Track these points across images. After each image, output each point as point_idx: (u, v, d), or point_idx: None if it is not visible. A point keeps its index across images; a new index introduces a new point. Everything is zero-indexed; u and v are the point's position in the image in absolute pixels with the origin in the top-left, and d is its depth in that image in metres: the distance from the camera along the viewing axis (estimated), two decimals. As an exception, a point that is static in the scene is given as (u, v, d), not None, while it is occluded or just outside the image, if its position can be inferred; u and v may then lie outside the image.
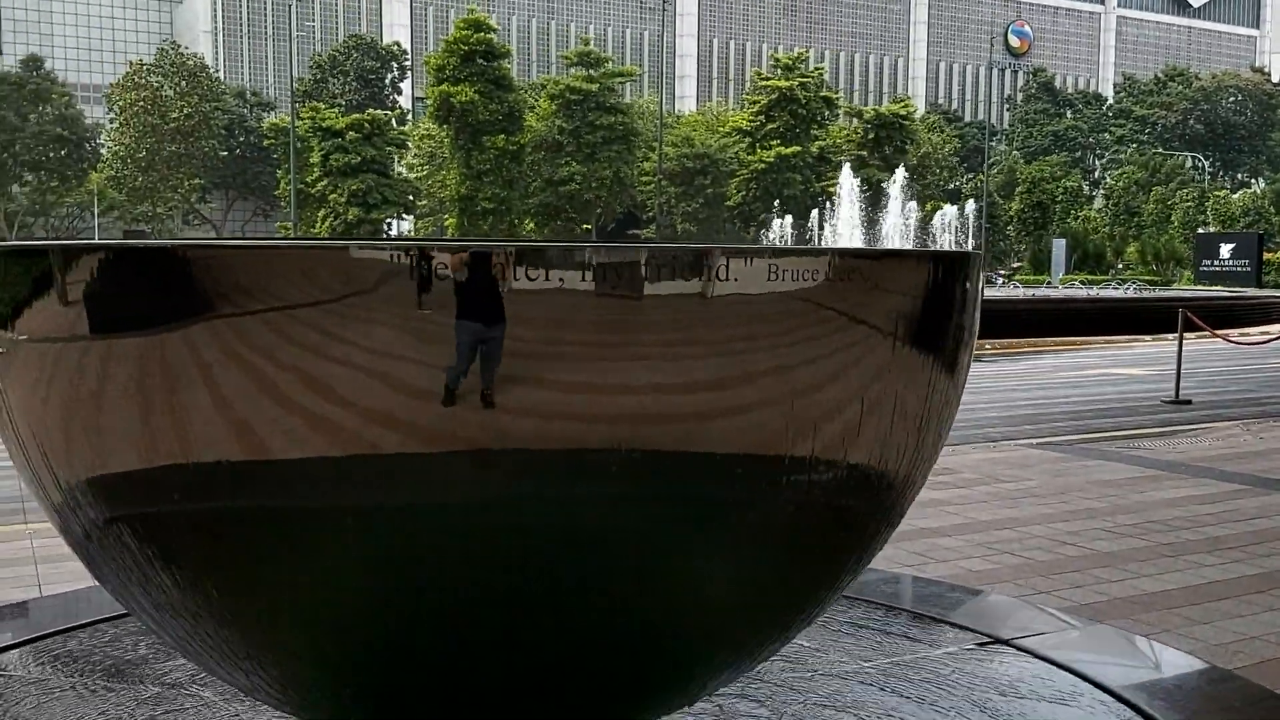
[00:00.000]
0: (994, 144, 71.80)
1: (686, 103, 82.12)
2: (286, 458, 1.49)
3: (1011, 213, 58.10)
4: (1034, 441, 9.06)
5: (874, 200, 43.63)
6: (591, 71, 51.01)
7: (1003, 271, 44.69)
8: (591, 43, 55.94)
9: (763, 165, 53.05)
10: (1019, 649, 3.00)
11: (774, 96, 54.83)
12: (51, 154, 56.57)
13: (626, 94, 67.16)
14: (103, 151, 56.78)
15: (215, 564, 1.60)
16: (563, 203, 50.20)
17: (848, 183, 38.39)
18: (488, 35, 47.64)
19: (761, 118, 55.00)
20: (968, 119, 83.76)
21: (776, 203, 42.42)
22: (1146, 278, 43.48)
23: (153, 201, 55.80)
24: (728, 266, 1.52)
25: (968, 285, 1.83)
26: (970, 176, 60.96)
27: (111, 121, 56.25)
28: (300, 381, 1.47)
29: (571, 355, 1.46)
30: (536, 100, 52.33)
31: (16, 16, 77.80)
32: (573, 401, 1.48)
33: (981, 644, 3.05)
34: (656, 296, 1.48)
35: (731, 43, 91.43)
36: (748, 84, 64.30)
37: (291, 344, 1.45)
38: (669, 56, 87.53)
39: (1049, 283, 37.76)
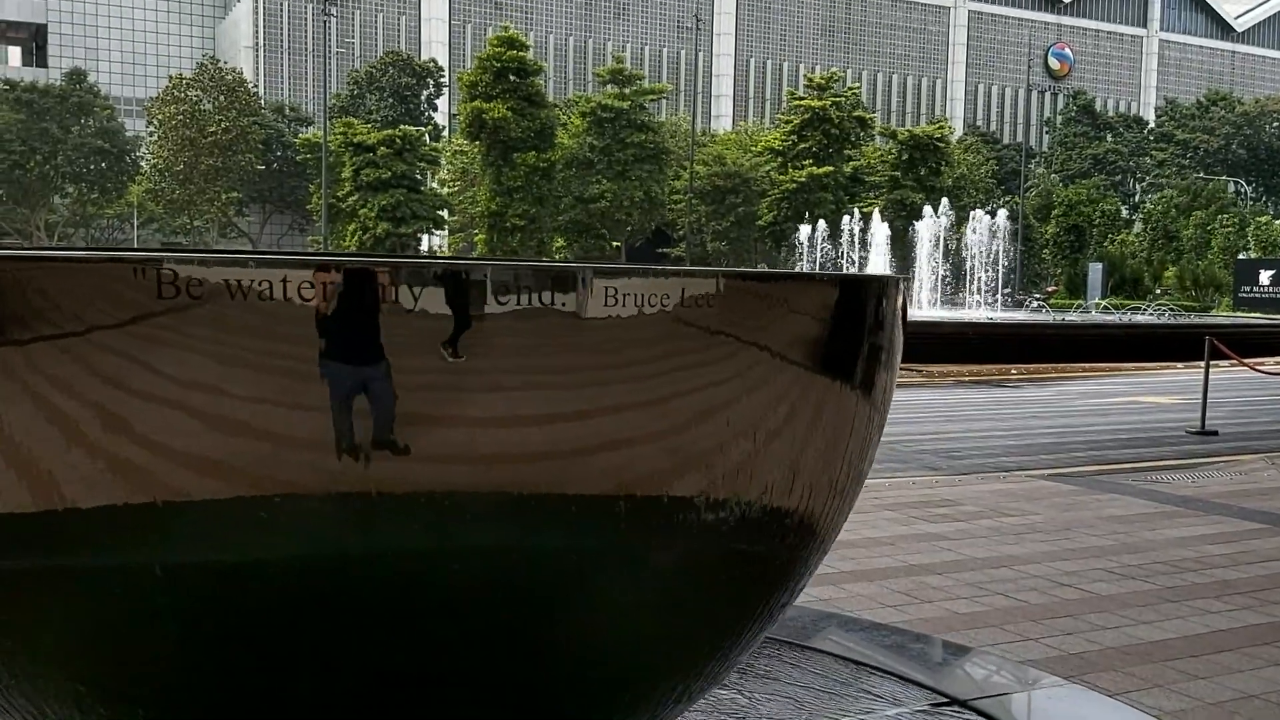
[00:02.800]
0: (1032, 167, 71.13)
1: (722, 122, 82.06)
2: (78, 506, 1.31)
3: (1048, 236, 57.42)
4: (1047, 473, 8.73)
5: (907, 221, 43.25)
6: (623, 89, 51.01)
7: (1037, 295, 44.12)
8: (628, 61, 56.02)
9: (794, 185, 52.79)
10: (976, 712, 2.73)
11: (807, 116, 54.59)
12: (92, 166, 57.35)
13: (662, 112, 67.24)
14: (142, 164, 57.44)
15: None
16: (593, 220, 50.14)
17: (877, 218, 38.06)
18: (521, 52, 47.75)
19: (794, 137, 54.75)
20: (1006, 141, 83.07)
21: (805, 223, 42.02)
22: (1185, 303, 42.74)
23: (190, 214, 56.38)
24: (599, 286, 1.35)
25: (880, 309, 1.66)
26: (1007, 199, 60.35)
27: (151, 135, 56.91)
28: (88, 419, 1.29)
29: (421, 385, 1.28)
30: (569, 117, 52.39)
31: (64, 30, 79.12)
32: (417, 438, 1.29)
33: (935, 705, 2.78)
34: (513, 319, 1.30)
35: (769, 62, 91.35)
36: (783, 104, 64.12)
37: (83, 374, 1.27)
38: (705, 76, 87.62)
39: (1080, 306, 37.19)
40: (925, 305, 33.65)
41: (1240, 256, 48.20)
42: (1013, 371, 19.15)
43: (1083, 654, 4.31)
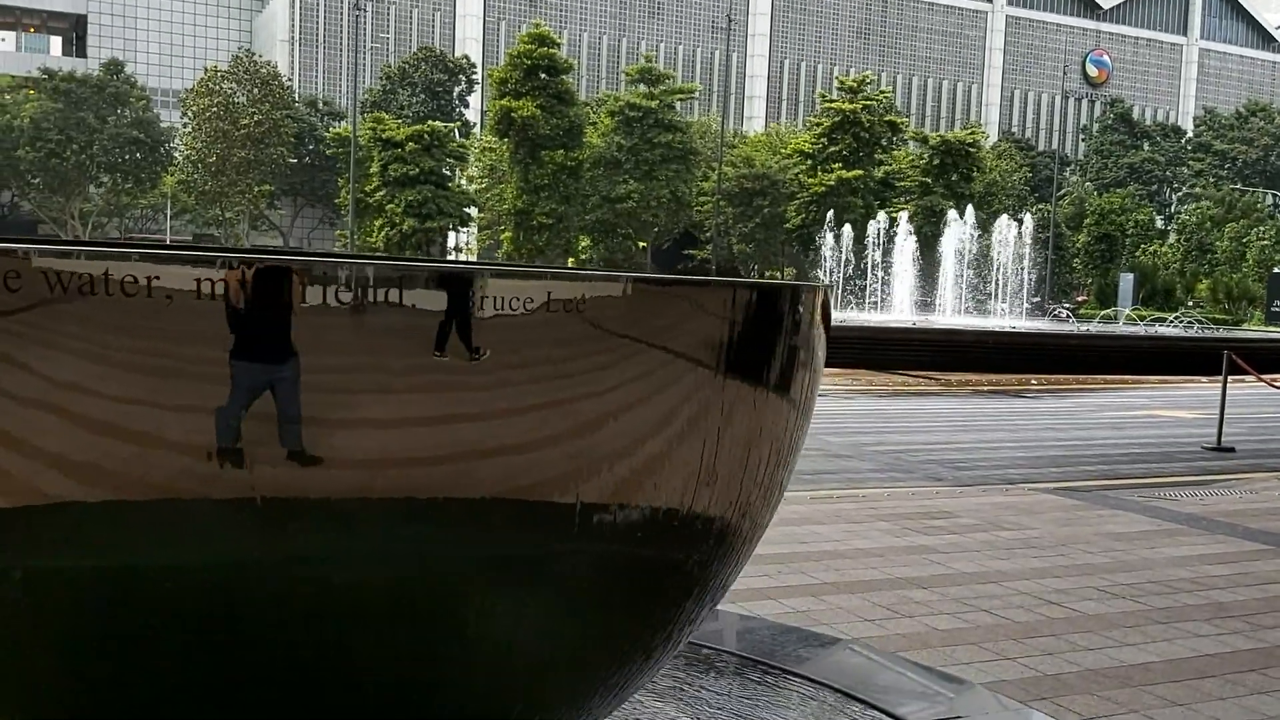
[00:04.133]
0: (1066, 174, 70.45)
1: (754, 123, 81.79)
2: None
3: (1079, 245, 56.86)
4: (1052, 486, 8.59)
5: (937, 227, 42.94)
6: (652, 89, 50.93)
7: (1066, 305, 43.67)
8: (661, 61, 55.93)
9: (823, 188, 52.54)
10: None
11: (837, 119, 54.30)
12: (127, 156, 57.82)
13: (694, 112, 67.12)
14: (175, 155, 57.91)
15: None
16: (619, 220, 50.09)
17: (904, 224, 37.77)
18: (551, 50, 47.77)
19: (824, 140, 54.48)
20: (1041, 148, 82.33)
21: (829, 225, 41.73)
22: (1217, 316, 42.18)
23: (221, 206, 56.76)
24: (496, 289, 1.32)
25: (794, 317, 1.65)
26: (1040, 206, 59.81)
27: (185, 126, 57.36)
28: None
29: (310, 385, 1.25)
30: (598, 116, 52.37)
31: (103, 21, 79.86)
32: (311, 441, 1.26)
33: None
34: (406, 319, 1.27)
35: (803, 64, 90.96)
36: (816, 106, 63.87)
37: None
38: (739, 76, 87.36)
39: (1102, 317, 36.75)
40: (949, 312, 33.38)
41: (1275, 270, 47.51)
42: (1032, 382, 18.93)
43: (1059, 675, 4.21)
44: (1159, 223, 63.20)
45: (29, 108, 55.34)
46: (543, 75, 47.39)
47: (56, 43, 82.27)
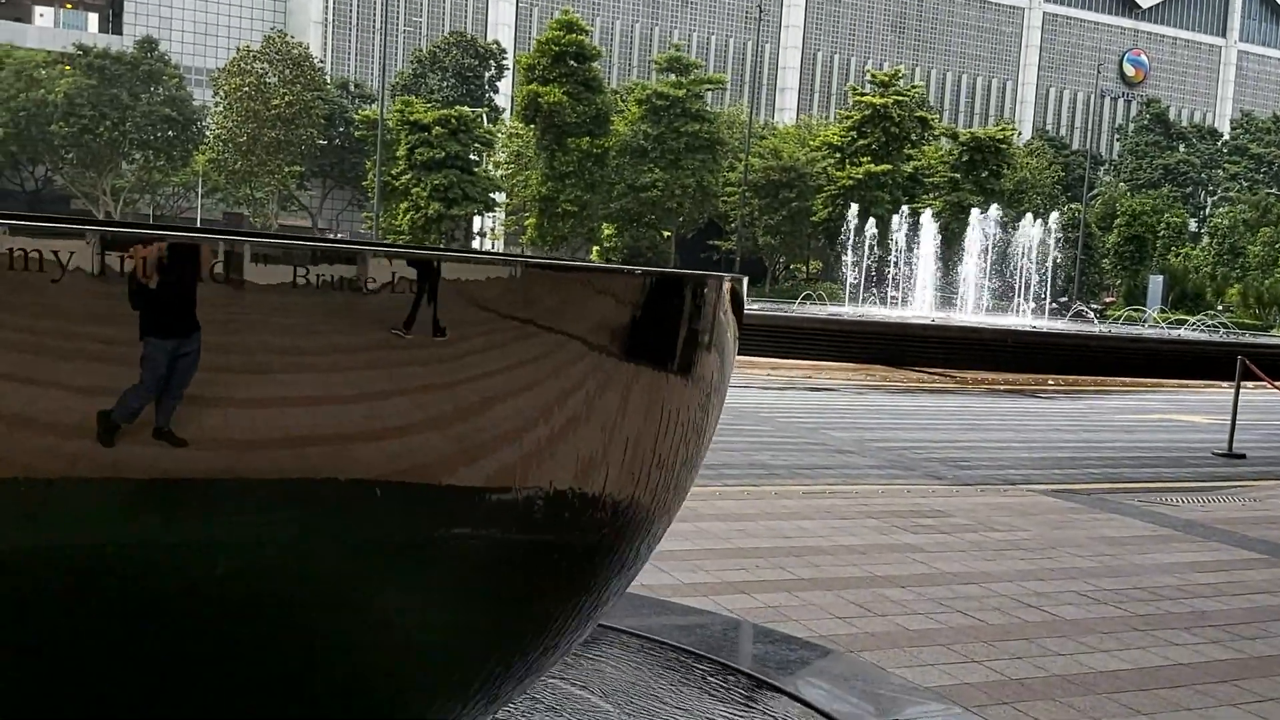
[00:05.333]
0: (1100, 174, 69.74)
1: (786, 115, 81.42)
2: None
3: (1108, 245, 56.30)
4: (1051, 488, 8.50)
5: (963, 223, 42.62)
6: (681, 78, 50.77)
7: (1093, 305, 43.25)
8: (693, 51, 55.70)
9: (851, 182, 52.26)
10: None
11: (868, 113, 53.97)
12: (159, 134, 58.21)
13: (725, 101, 66.85)
14: (207, 134, 58.26)
15: None
16: (644, 209, 50.00)
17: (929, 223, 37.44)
18: (580, 37, 47.69)
19: (853, 134, 54.18)
20: (1075, 147, 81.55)
21: (852, 219, 41.45)
22: (1247, 321, 41.67)
23: (251, 186, 57.06)
24: (377, 267, 1.30)
25: (695, 305, 1.63)
26: (1071, 206, 59.24)
27: (217, 105, 57.69)
28: None
29: (182, 364, 1.23)
30: (625, 104, 52.26)
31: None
32: (185, 420, 1.23)
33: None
34: (279, 295, 1.24)
35: (836, 57, 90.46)
36: (848, 99, 63.52)
37: None
38: (771, 67, 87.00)
39: (1120, 318, 36.34)
40: (970, 310, 33.14)
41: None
42: (1049, 382, 18.77)
43: (1024, 680, 4.15)
44: (1192, 225, 62.46)
45: (64, 83, 55.80)
46: (571, 62, 47.34)
47: (93, 19, 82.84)
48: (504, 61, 63.67)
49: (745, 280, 1.93)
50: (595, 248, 52.10)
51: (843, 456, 9.76)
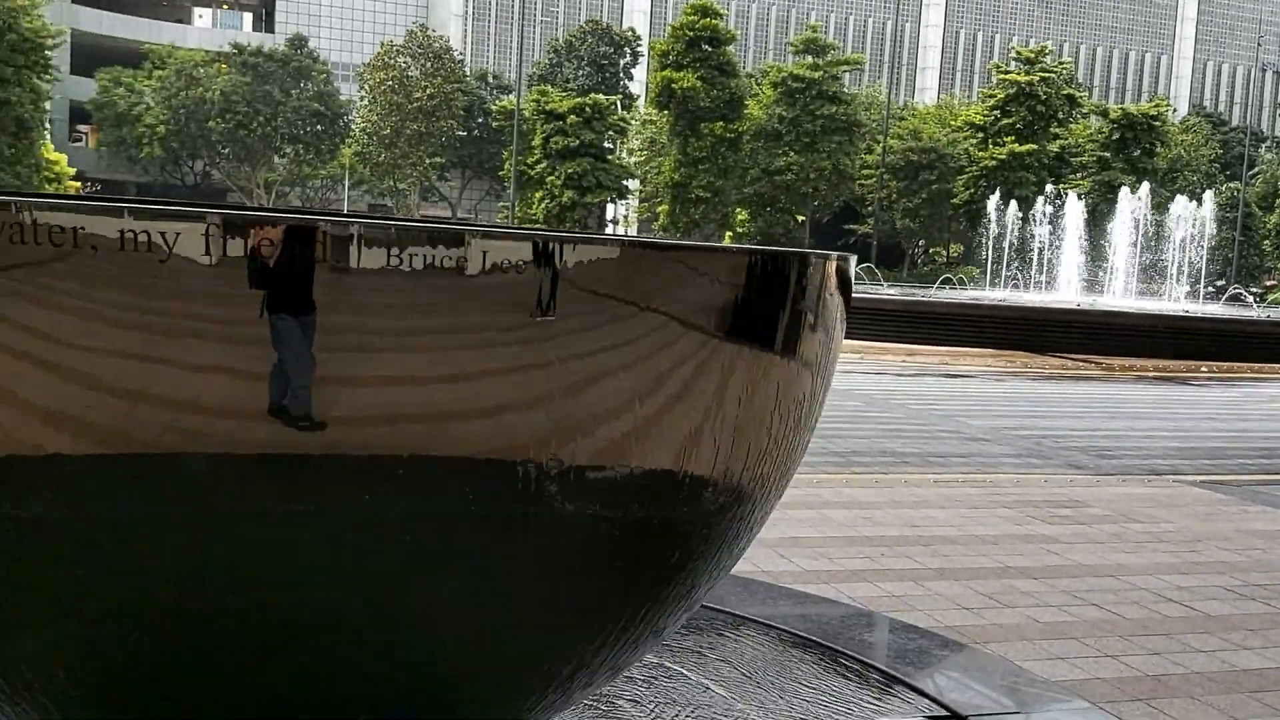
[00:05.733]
0: (1261, 152, 66.14)
1: (927, 95, 79.60)
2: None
3: (1270, 226, 53.39)
4: (1199, 479, 8.13)
5: (1113, 204, 40.99)
6: (816, 59, 50.11)
7: (1253, 289, 41.09)
8: (830, 32, 54.89)
9: (994, 163, 50.79)
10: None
11: (1012, 91, 52.33)
12: (309, 128, 60.31)
13: (863, 82, 65.73)
14: (353, 128, 60.08)
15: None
16: (778, 193, 49.57)
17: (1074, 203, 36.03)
18: (714, 21, 47.52)
19: (997, 112, 52.62)
20: (1235, 123, 77.52)
21: (996, 199, 40.17)
22: None
23: (394, 178, 58.65)
24: (482, 248, 1.33)
25: (800, 285, 1.62)
26: (1230, 185, 56.39)
27: (362, 99, 59.44)
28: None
29: (298, 344, 1.27)
30: (759, 87, 51.86)
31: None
32: (294, 399, 1.28)
33: (931, 718, 2.63)
34: (390, 278, 1.26)
35: (979, 34, 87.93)
36: (992, 78, 61.75)
37: None
38: (911, 47, 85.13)
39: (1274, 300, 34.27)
40: (1119, 294, 31.85)
41: None
42: (1203, 369, 17.94)
43: (1161, 676, 3.99)
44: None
45: (220, 81, 58.29)
46: (705, 47, 47.22)
47: (248, 19, 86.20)
48: (639, 48, 63.88)
49: (852, 259, 1.89)
50: (729, 233, 51.88)
51: (977, 444, 9.52)
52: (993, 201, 39.91)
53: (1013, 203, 39.46)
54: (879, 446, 9.03)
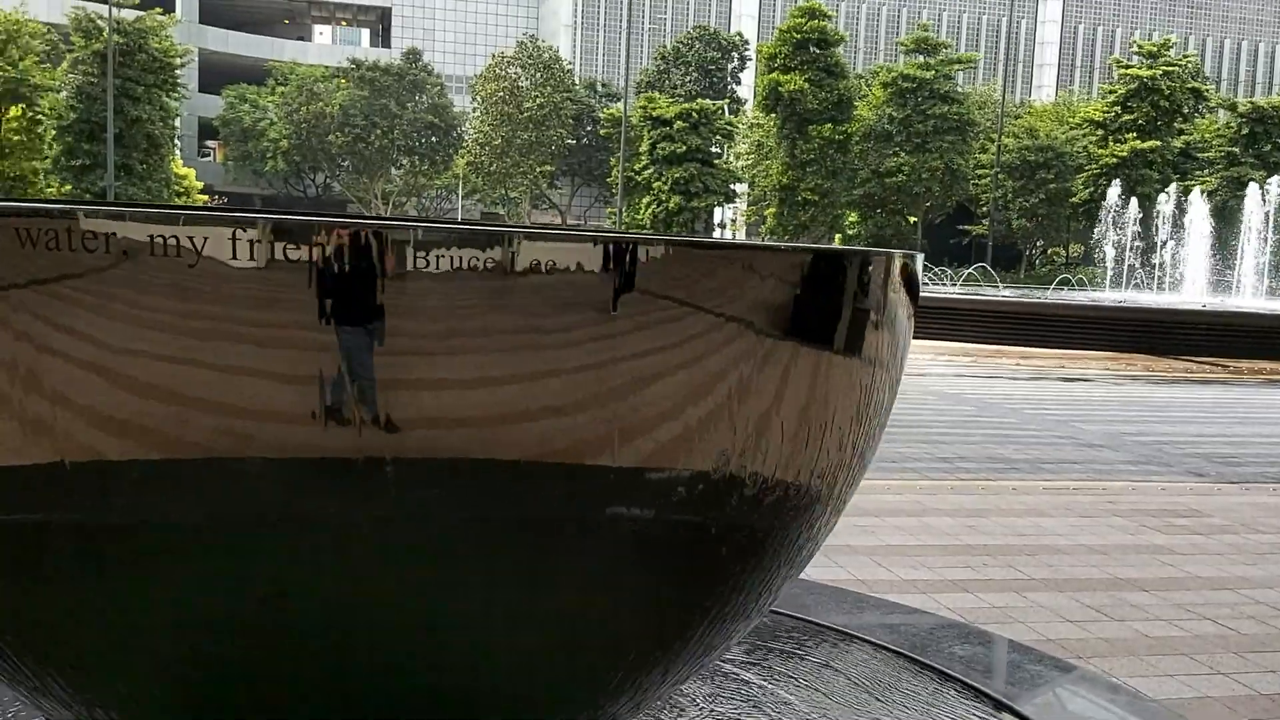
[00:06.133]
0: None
1: (1044, 92, 77.65)
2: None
3: None
4: (1331, 488, 7.73)
5: (1242, 200, 39.28)
6: (928, 58, 49.23)
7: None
8: (944, 30, 53.93)
9: (1114, 160, 49.17)
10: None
11: (1133, 86, 50.61)
12: (423, 140, 61.67)
13: (978, 80, 64.42)
14: (465, 138, 61.23)
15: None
16: (888, 194, 48.81)
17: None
18: (822, 23, 47.08)
19: (1117, 109, 50.93)
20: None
21: (1117, 197, 38.76)
22: None
23: (506, 187, 59.57)
24: (531, 249, 1.32)
25: (860, 283, 1.57)
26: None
27: (474, 110, 60.53)
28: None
29: (359, 348, 1.26)
30: (869, 88, 51.16)
31: (405, 13, 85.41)
32: (354, 403, 1.27)
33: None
34: (444, 280, 1.26)
35: (1099, 29, 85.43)
36: (1113, 72, 59.87)
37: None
38: (1029, 44, 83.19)
39: None
40: (1248, 294, 30.49)
41: None
42: (1338, 372, 17.06)
43: (1278, 696, 3.79)
44: None
45: (339, 96, 59.99)
46: (813, 49, 46.80)
47: (365, 35, 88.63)
48: (746, 53, 63.68)
49: (919, 257, 1.84)
50: (838, 236, 51.30)
51: (1092, 450, 9.21)
52: (1113, 200, 38.58)
53: (1133, 201, 38.12)
54: (988, 452, 8.79)
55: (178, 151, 52.79)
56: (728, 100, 57.96)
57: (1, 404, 1.31)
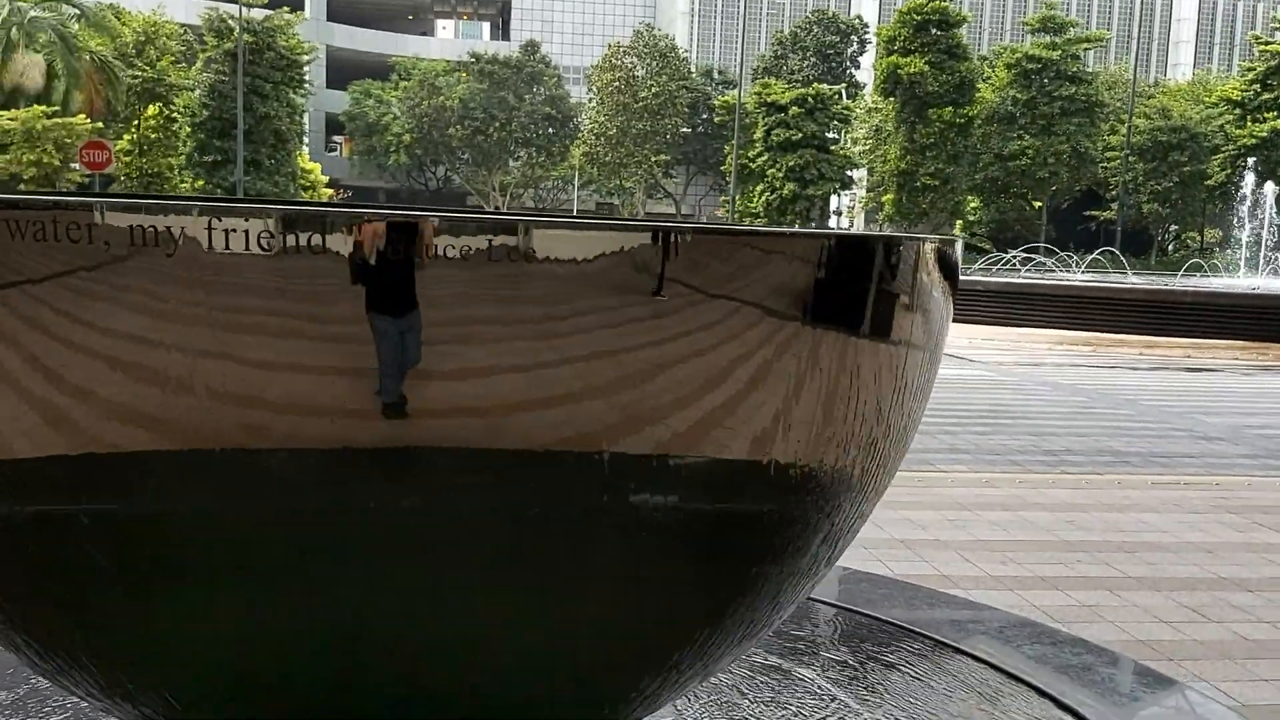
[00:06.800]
0: None
1: (1180, 71, 74.54)
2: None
3: None
4: None
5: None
6: (1054, 38, 47.63)
7: None
8: (1073, 9, 52.16)
9: (1253, 141, 46.87)
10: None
11: (1273, 63, 48.16)
12: (540, 132, 62.35)
13: (1109, 59, 62.20)
14: (581, 129, 61.68)
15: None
16: (1011, 179, 47.44)
17: None
18: (943, 3, 45.98)
19: (1256, 87, 48.54)
20: None
21: (1255, 179, 36.89)
22: None
23: (621, 177, 59.82)
24: (545, 238, 1.31)
25: (888, 269, 1.53)
26: None
27: (590, 101, 60.91)
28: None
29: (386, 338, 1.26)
30: (992, 70, 49.77)
31: (524, 5, 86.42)
32: (378, 392, 1.26)
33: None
34: (479, 268, 1.25)
35: (1239, 4, 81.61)
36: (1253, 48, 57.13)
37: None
38: (1164, 21, 80.00)
39: None
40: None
41: None
42: None
43: (1384, 708, 3.56)
44: None
45: (459, 89, 61.04)
46: (934, 30, 45.75)
47: (485, 28, 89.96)
48: (866, 36, 62.66)
49: (956, 243, 1.78)
50: (959, 222, 50.11)
51: (1209, 444, 8.81)
52: (1250, 182, 36.80)
53: (1269, 184, 36.29)
54: (1098, 445, 8.49)
55: (305, 147, 54.39)
56: (845, 85, 57.06)
57: (46, 394, 1.33)
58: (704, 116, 62.82)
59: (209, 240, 1.21)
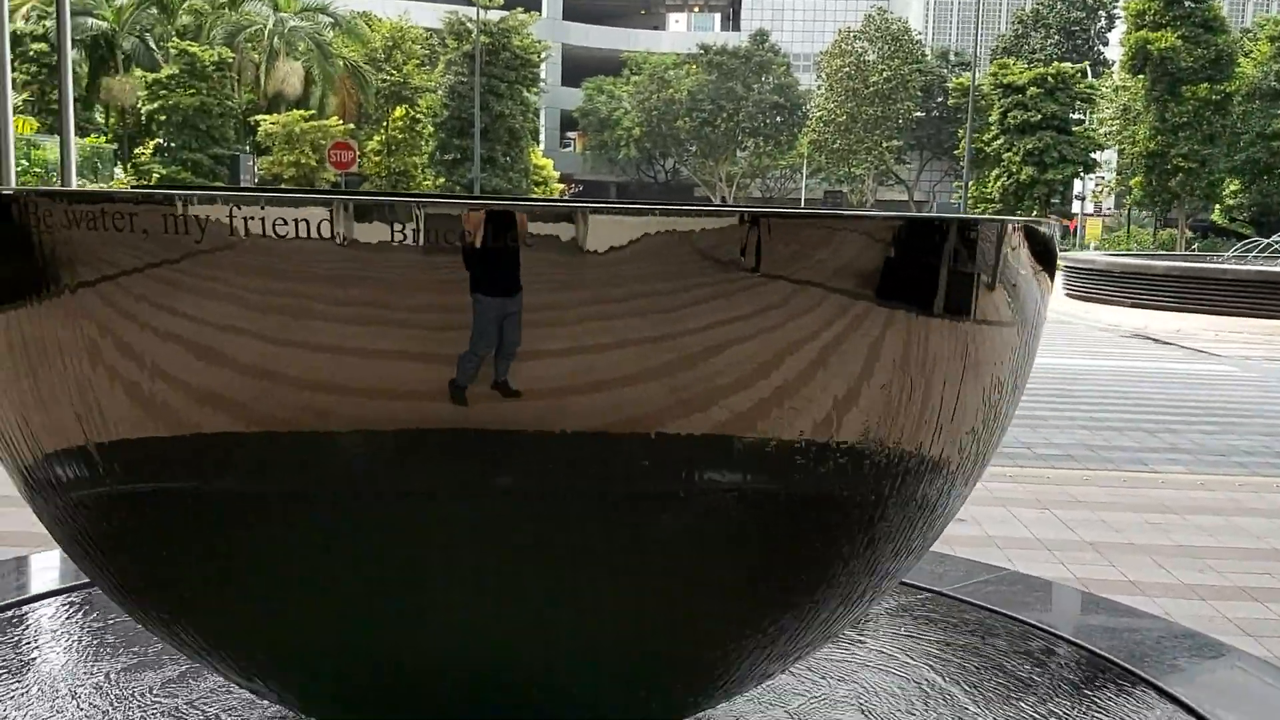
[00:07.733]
0: None
1: None
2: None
3: None
4: None
5: None
6: (1329, 4, 43.46)
7: None
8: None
9: None
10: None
11: None
12: (768, 121, 62.10)
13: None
14: (809, 116, 61.02)
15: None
16: (1276, 159, 43.61)
17: None
18: (1204, -29, 42.75)
19: None
20: None
21: None
22: None
23: (850, 163, 58.82)
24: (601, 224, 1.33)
25: (967, 252, 1.51)
26: None
27: (819, 87, 60.17)
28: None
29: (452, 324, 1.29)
30: (1254, 44, 45.88)
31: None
32: (476, 375, 1.29)
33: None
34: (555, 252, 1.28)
35: None
36: None
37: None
38: None
39: None
40: None
41: None
42: None
43: None
44: None
45: (688, 82, 61.56)
46: (1188, 3, 42.62)
47: (715, 20, 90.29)
48: (1115, 10, 59.08)
49: (1047, 223, 1.68)
50: (1216, 206, 46.55)
51: None
52: None
53: None
54: (1343, 448, 7.73)
55: (540, 143, 56.18)
56: (1090, 63, 53.97)
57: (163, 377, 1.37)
58: (939, 100, 60.89)
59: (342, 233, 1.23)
